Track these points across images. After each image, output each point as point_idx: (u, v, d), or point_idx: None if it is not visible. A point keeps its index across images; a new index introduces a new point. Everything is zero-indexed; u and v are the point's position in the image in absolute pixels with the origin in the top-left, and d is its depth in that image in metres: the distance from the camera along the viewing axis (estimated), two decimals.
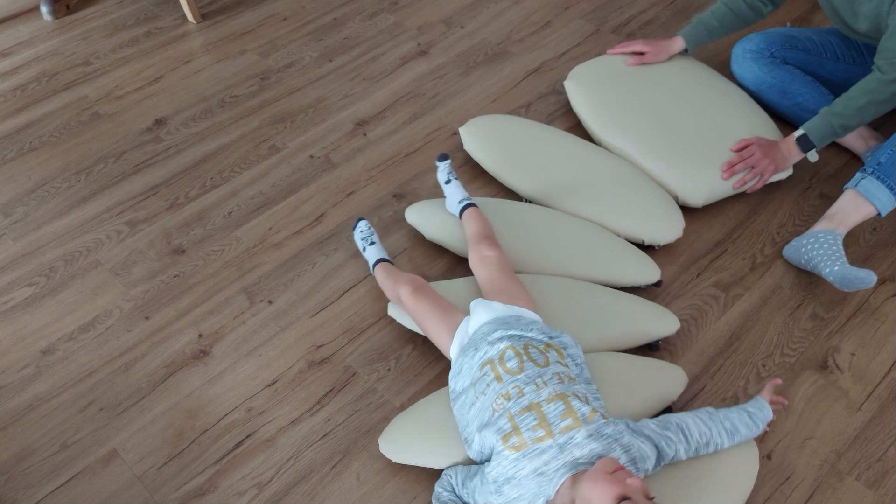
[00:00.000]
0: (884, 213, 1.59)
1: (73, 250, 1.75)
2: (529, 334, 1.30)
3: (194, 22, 2.40)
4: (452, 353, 1.36)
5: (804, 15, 2.35)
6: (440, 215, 1.67)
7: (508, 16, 2.40)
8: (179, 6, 2.40)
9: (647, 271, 1.60)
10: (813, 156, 1.73)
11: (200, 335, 1.59)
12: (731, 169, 1.73)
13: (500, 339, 1.28)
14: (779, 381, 1.37)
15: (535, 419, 1.17)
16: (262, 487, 1.36)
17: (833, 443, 1.40)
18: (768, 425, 1.34)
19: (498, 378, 1.24)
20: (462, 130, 1.90)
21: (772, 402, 1.34)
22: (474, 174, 1.88)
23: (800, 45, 1.90)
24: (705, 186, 1.73)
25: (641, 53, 1.99)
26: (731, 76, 2.06)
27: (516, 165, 1.79)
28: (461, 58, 2.25)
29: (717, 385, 1.49)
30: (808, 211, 1.79)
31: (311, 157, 1.96)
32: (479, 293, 1.51)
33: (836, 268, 1.52)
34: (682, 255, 1.72)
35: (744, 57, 1.95)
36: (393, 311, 1.53)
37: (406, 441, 1.34)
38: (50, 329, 1.60)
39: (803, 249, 1.60)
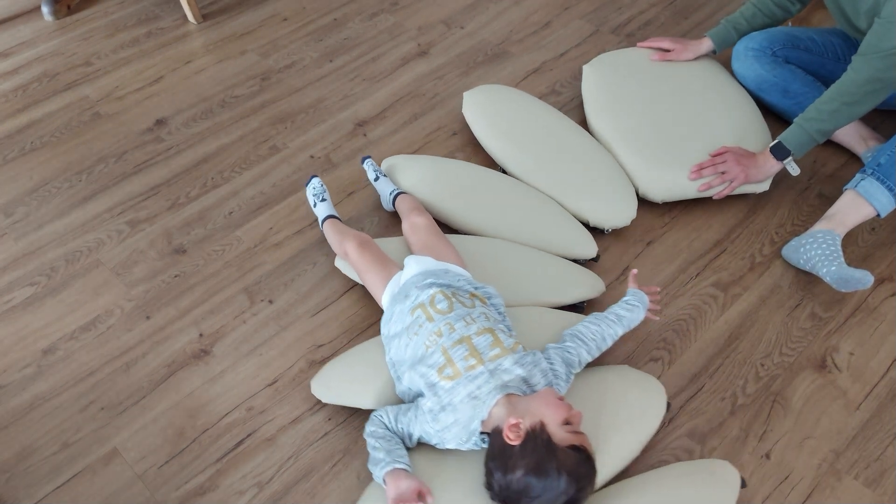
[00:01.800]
0: (883, 215, 1.60)
1: (74, 250, 1.76)
2: (457, 284, 1.41)
3: (195, 22, 2.40)
4: (384, 301, 1.46)
5: (803, 15, 2.35)
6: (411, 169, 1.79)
7: (508, 16, 2.40)
8: (180, 6, 2.41)
9: (585, 246, 1.67)
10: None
11: (201, 335, 1.59)
12: (699, 171, 1.74)
13: (430, 285, 1.38)
14: (635, 270, 1.49)
15: (466, 350, 1.28)
16: (263, 486, 1.36)
17: (831, 442, 1.41)
18: (653, 312, 1.44)
19: (430, 318, 1.33)
20: (466, 95, 1.97)
21: (647, 292, 1.45)
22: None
23: (802, 44, 1.91)
24: (667, 183, 1.76)
25: (669, 50, 2.01)
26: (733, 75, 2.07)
27: (502, 134, 1.85)
28: (461, 58, 2.25)
29: (715, 384, 1.49)
30: (807, 211, 1.80)
31: (312, 157, 1.96)
32: None
33: (834, 268, 1.52)
34: (682, 255, 1.72)
35: (746, 55, 1.95)
36: (339, 264, 1.63)
37: (337, 383, 1.43)
38: (51, 328, 1.61)
39: (802, 249, 1.61)
